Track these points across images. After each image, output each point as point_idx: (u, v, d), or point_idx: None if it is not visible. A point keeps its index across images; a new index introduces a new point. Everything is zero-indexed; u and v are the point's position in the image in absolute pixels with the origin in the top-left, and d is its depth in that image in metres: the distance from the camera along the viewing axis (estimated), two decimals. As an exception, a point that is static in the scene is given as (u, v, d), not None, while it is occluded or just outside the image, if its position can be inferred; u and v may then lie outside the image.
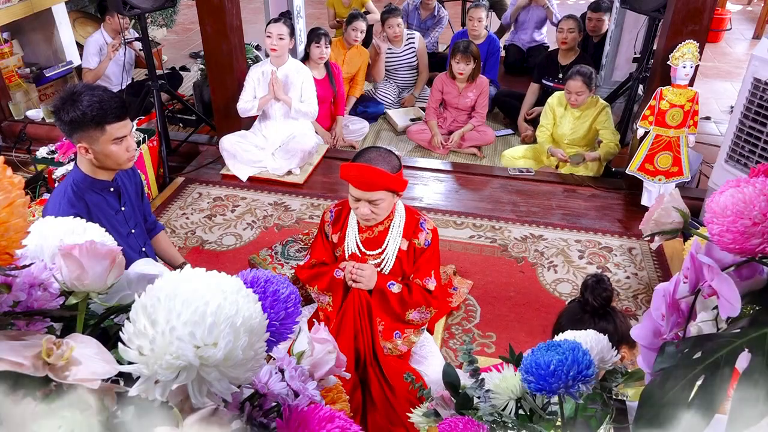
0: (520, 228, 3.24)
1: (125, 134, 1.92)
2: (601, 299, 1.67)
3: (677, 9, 2.98)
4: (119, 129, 1.89)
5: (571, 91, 3.56)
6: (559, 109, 3.74)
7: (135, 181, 2.24)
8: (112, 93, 1.88)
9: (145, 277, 0.65)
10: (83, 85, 1.88)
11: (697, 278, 0.58)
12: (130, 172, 2.21)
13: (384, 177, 1.91)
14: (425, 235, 2.13)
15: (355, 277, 2.07)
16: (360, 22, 4.47)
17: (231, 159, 3.64)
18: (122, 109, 1.88)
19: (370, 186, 1.93)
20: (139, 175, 2.29)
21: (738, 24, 7.04)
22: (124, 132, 1.91)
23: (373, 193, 1.94)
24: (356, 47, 4.57)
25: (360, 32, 4.46)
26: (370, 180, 1.91)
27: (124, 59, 4.08)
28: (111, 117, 1.85)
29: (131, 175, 2.21)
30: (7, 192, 0.48)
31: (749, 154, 2.80)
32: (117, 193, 2.10)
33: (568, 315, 1.75)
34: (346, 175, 1.96)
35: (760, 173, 0.63)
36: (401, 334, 2.17)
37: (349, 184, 1.98)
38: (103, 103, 1.83)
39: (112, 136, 1.89)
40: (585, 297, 1.69)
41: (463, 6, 6.18)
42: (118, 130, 1.89)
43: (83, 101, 1.81)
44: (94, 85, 1.90)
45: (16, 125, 4.12)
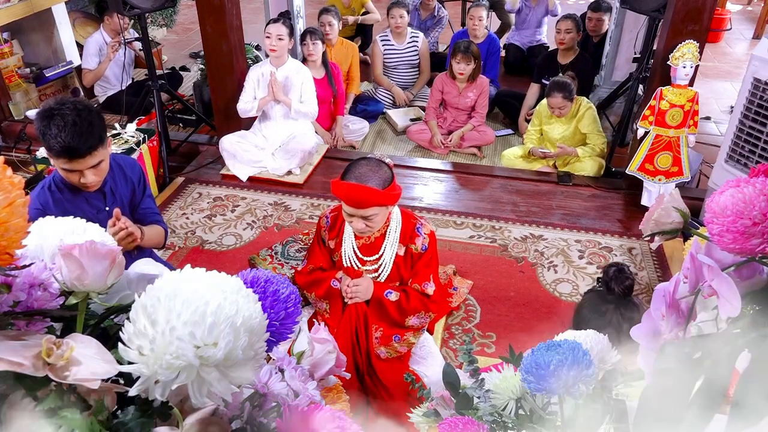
0: (520, 228, 3.24)
1: (77, 169, 1.83)
2: (624, 287, 1.65)
3: (677, 9, 2.98)
4: (67, 164, 1.81)
5: (554, 107, 3.65)
6: (547, 116, 3.80)
7: (130, 179, 2.15)
8: (83, 127, 1.76)
9: (145, 277, 0.65)
10: (67, 103, 1.78)
11: (697, 278, 0.58)
12: (126, 169, 2.14)
13: (375, 195, 1.90)
14: (422, 239, 2.12)
15: (351, 294, 2.08)
16: (327, 16, 4.43)
17: (231, 159, 3.64)
18: (77, 150, 1.77)
19: (361, 204, 1.92)
20: (139, 171, 2.20)
21: (738, 24, 7.04)
22: (76, 167, 1.82)
23: (365, 210, 1.94)
24: (341, 42, 4.55)
25: (328, 25, 4.39)
26: (361, 199, 1.90)
27: (123, 60, 4.08)
28: (58, 152, 1.77)
29: (126, 172, 2.14)
30: (7, 192, 0.48)
31: (749, 154, 2.80)
32: (101, 192, 2.04)
33: (590, 305, 1.72)
34: (337, 193, 1.95)
35: (760, 173, 0.63)
36: (400, 337, 2.17)
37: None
38: (60, 135, 1.73)
39: (60, 165, 1.83)
40: (610, 286, 1.67)
41: (463, 6, 6.18)
42: (66, 164, 1.81)
43: (51, 124, 1.74)
44: (73, 106, 1.77)
45: (16, 125, 4.12)
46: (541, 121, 3.84)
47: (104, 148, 1.87)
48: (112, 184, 2.07)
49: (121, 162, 2.17)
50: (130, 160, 2.23)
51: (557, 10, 5.23)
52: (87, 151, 1.79)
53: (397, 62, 4.78)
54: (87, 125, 1.77)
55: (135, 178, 2.17)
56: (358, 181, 1.91)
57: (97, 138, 1.81)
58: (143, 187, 2.21)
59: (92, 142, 1.79)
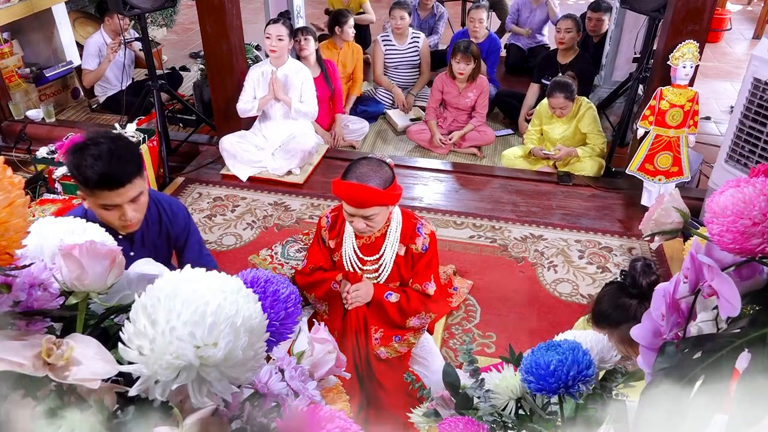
0: (520, 228, 3.24)
1: (118, 203, 1.67)
2: (650, 282, 1.63)
3: (677, 9, 2.98)
4: (106, 198, 1.65)
5: (555, 107, 3.65)
6: (548, 116, 3.80)
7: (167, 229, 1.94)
8: (120, 153, 1.63)
9: (145, 277, 0.65)
10: (99, 135, 1.67)
11: (697, 278, 0.58)
12: (164, 212, 1.94)
13: (376, 195, 1.90)
14: (422, 239, 2.12)
15: (351, 300, 2.08)
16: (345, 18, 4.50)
17: (231, 159, 3.64)
18: (117, 178, 1.63)
19: (362, 204, 1.92)
20: (182, 222, 1.98)
21: (738, 24, 7.04)
22: (116, 200, 1.66)
23: (366, 210, 1.94)
24: (348, 44, 4.57)
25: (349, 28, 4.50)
26: (362, 199, 1.90)
27: (123, 60, 4.08)
28: (96, 183, 1.62)
29: (163, 216, 1.94)
30: (7, 192, 0.48)
31: (749, 154, 2.80)
32: (128, 240, 1.86)
33: (610, 300, 1.68)
34: (337, 193, 1.95)
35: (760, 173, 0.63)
36: (401, 338, 2.17)
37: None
38: (97, 164, 1.60)
39: (98, 201, 1.67)
40: (636, 281, 1.64)
41: (463, 6, 6.18)
42: (105, 198, 1.65)
43: (85, 154, 1.61)
44: (106, 136, 1.66)
45: (16, 125, 4.12)
46: (542, 121, 3.85)
47: (142, 179, 1.72)
48: (144, 227, 1.87)
49: (161, 207, 1.97)
50: (170, 205, 2.01)
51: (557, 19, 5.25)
52: (127, 178, 1.65)
53: (397, 62, 4.78)
54: (124, 151, 1.66)
55: (174, 226, 1.99)
56: (359, 181, 1.91)
57: (136, 165, 1.69)
58: (186, 232, 2.02)
59: (131, 169, 1.66)
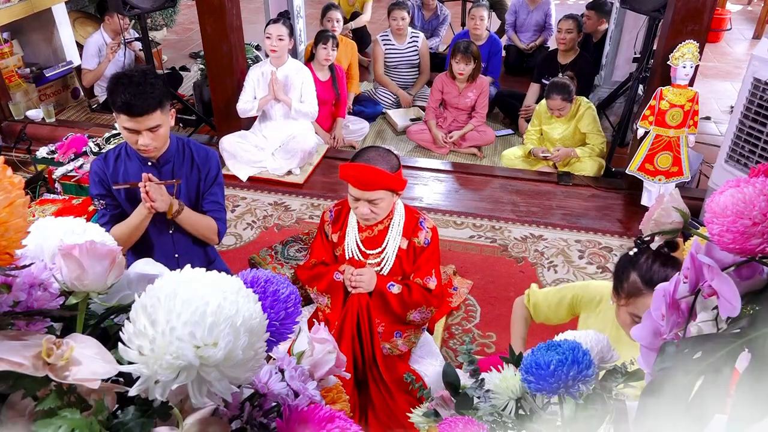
0: (520, 228, 3.24)
1: (137, 129, 1.92)
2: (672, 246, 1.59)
3: (677, 9, 2.98)
4: (127, 122, 1.91)
5: (553, 108, 3.66)
6: (547, 116, 3.79)
7: (197, 165, 2.15)
8: (145, 88, 1.88)
9: (145, 277, 0.65)
10: (139, 69, 1.93)
11: (697, 278, 0.58)
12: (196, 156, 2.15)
13: (383, 176, 1.92)
14: (425, 233, 2.13)
15: (354, 283, 2.08)
16: (335, 12, 4.50)
17: (231, 159, 3.64)
18: (135, 107, 1.88)
19: (369, 186, 1.93)
20: (213, 161, 2.19)
21: (738, 24, 7.04)
22: (135, 126, 1.92)
23: (372, 192, 1.94)
24: (342, 39, 4.57)
25: (336, 21, 4.49)
26: (369, 179, 1.92)
27: (123, 60, 4.08)
28: (119, 107, 1.88)
29: (196, 159, 2.15)
30: (7, 192, 0.48)
31: (749, 154, 2.80)
32: (157, 168, 2.08)
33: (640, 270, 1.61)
34: (345, 175, 1.96)
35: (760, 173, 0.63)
36: (402, 333, 2.17)
37: (348, 184, 1.99)
38: (124, 92, 1.85)
39: (122, 124, 1.93)
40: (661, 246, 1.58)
41: (464, 6, 6.18)
42: (126, 122, 1.91)
43: (119, 82, 1.87)
44: (143, 71, 1.92)
45: (16, 125, 4.12)
46: (541, 121, 3.85)
47: (164, 114, 1.96)
48: (176, 164, 2.11)
49: (194, 149, 2.18)
50: (205, 150, 2.21)
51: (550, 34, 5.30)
52: (144, 110, 1.89)
53: (397, 62, 4.78)
54: (150, 87, 1.89)
55: (204, 167, 2.17)
56: (367, 164, 1.92)
57: (157, 101, 1.91)
58: (213, 177, 2.20)
59: (150, 103, 1.89)
